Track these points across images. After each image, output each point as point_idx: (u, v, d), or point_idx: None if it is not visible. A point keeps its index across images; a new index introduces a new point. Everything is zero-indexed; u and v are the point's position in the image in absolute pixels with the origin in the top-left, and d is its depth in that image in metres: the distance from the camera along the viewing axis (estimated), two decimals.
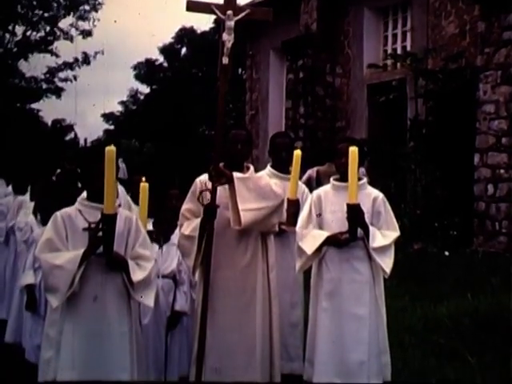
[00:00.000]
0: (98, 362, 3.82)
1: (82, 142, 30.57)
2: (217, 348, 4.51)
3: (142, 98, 34.03)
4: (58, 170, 10.26)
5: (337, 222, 4.80)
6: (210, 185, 4.58)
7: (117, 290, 3.92)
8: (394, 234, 4.85)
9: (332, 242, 4.74)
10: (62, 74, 24.93)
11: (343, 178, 4.85)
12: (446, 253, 9.55)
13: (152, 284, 4.03)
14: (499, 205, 10.38)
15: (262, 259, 4.68)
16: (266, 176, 5.09)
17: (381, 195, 4.95)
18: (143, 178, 4.91)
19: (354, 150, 4.64)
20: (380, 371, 4.67)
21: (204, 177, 4.74)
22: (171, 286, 5.35)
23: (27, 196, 7.61)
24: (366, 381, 4.57)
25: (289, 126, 15.08)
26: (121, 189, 5.79)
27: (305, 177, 8.91)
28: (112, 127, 36.23)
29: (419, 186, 11.61)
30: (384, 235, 4.78)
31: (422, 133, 11.65)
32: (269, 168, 5.62)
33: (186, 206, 4.74)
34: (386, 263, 4.75)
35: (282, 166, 5.59)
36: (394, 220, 4.94)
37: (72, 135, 32.83)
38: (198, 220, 4.57)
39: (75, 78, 24.89)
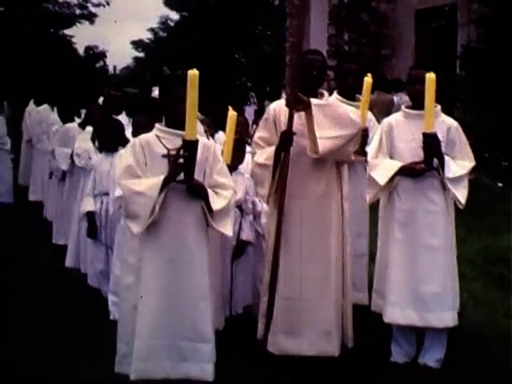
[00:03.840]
0: (179, 289, 3.74)
1: (110, 69, 30.35)
2: (290, 278, 4.43)
3: (171, 24, 33.51)
4: (101, 98, 10.14)
5: (409, 152, 4.66)
6: (283, 112, 4.44)
7: (196, 217, 3.81)
8: (469, 164, 4.71)
9: (406, 171, 4.61)
10: None
11: (416, 105, 4.70)
12: (500, 184, 9.35)
13: (230, 213, 3.92)
14: None
15: (336, 188, 4.56)
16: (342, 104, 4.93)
17: (455, 123, 4.80)
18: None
19: (431, 77, 4.48)
20: (454, 303, 4.60)
21: (278, 103, 4.59)
22: (237, 216, 5.28)
23: (75, 123, 7.58)
24: (439, 312, 4.49)
25: (332, 53, 14.68)
26: None
27: None
28: (141, 54, 35.87)
29: (470, 115, 11.30)
30: (459, 165, 4.64)
31: (474, 60, 11.26)
32: (335, 95, 5.47)
33: (259, 133, 4.60)
34: (462, 193, 4.63)
35: (348, 93, 5.45)
36: (469, 149, 4.78)
37: (101, 62, 32.53)
38: (273, 148, 4.44)
39: (108, 3, 24.43)
